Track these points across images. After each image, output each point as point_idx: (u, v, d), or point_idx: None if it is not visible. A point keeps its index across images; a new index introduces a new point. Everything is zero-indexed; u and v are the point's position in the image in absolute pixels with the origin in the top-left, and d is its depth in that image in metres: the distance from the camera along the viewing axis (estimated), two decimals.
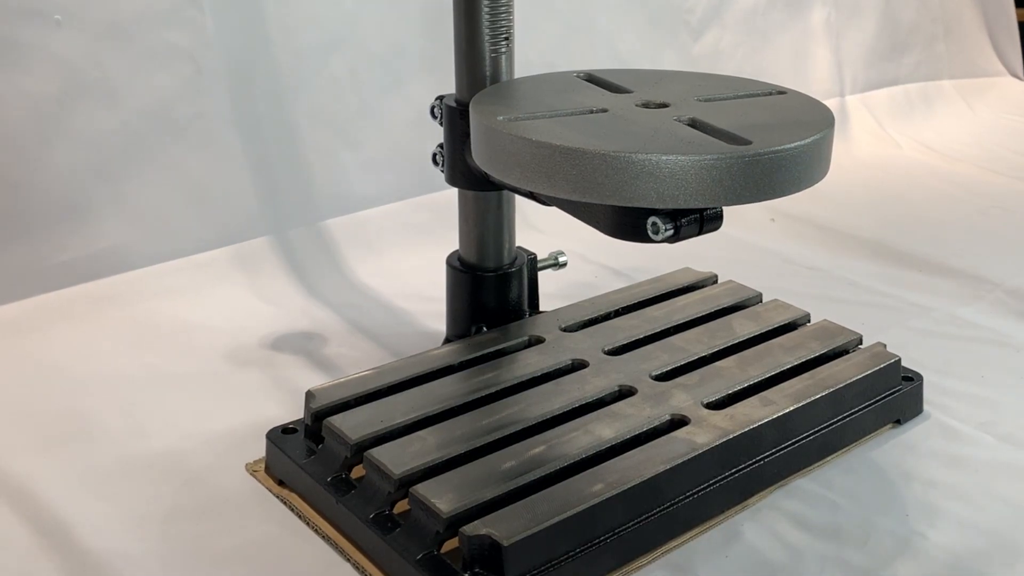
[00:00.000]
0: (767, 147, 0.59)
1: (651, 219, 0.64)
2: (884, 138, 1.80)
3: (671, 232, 0.64)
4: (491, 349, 0.84)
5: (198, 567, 0.68)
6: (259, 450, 0.79)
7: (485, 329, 0.88)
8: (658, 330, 0.88)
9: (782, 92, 0.72)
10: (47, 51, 1.01)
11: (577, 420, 0.74)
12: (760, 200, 0.61)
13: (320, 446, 0.74)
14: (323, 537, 0.71)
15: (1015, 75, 2.18)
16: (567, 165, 0.59)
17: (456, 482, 0.67)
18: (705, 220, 0.66)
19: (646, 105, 0.70)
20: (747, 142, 0.60)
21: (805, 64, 1.82)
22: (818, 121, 0.66)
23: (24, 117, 1.01)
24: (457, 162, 0.83)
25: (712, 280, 1.00)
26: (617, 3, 1.51)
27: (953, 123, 1.91)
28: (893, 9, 1.95)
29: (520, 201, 0.85)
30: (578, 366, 0.82)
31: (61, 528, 0.72)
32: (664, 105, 0.70)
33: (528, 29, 0.82)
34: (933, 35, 2.03)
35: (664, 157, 0.57)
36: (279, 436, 0.77)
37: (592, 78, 0.77)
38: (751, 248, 1.27)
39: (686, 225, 0.65)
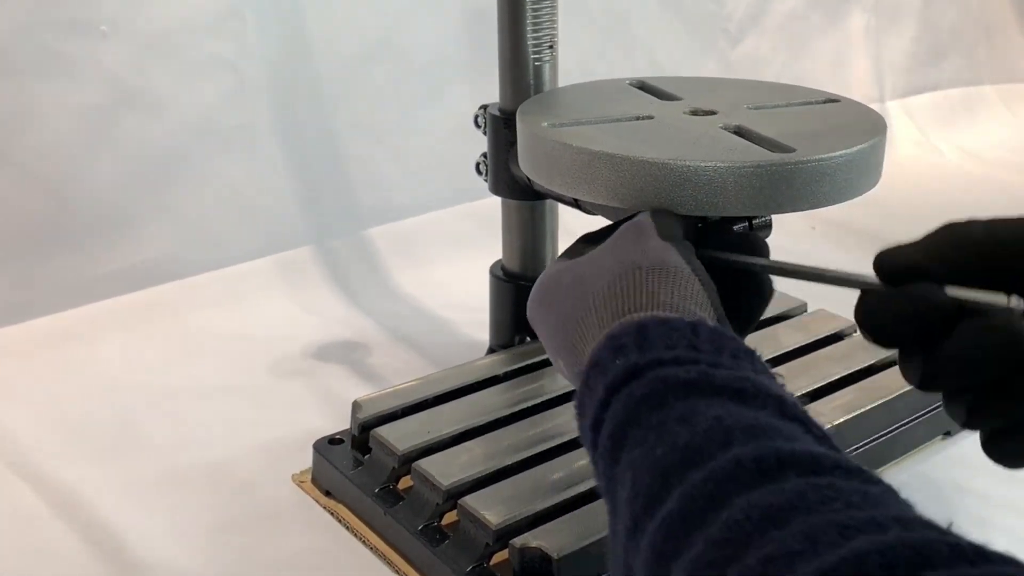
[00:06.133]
0: (810, 156, 0.58)
1: (699, 227, 0.64)
2: (925, 144, 1.78)
3: None
4: (536, 359, 0.84)
5: None
6: (305, 461, 0.79)
7: (529, 339, 0.88)
8: None
9: (835, 100, 0.71)
10: (93, 62, 1.02)
11: None
12: (802, 209, 0.60)
13: (367, 457, 0.74)
14: (370, 548, 0.71)
15: None
16: (606, 171, 0.59)
17: (505, 494, 0.66)
18: (754, 228, 0.65)
19: (694, 113, 0.69)
20: (791, 150, 0.59)
21: (845, 70, 1.80)
22: (868, 130, 0.65)
23: (71, 128, 1.02)
24: (501, 171, 0.83)
25: None
26: (655, 11, 1.51)
27: (995, 129, 1.89)
28: (933, 14, 1.93)
29: (563, 211, 0.85)
30: None
31: (111, 538, 0.72)
32: (712, 113, 0.69)
33: (566, 38, 0.82)
34: (974, 40, 2.01)
35: (702, 164, 0.57)
36: (326, 447, 0.77)
37: (644, 85, 0.77)
38: (792, 255, 1.25)
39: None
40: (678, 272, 0.49)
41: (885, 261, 0.48)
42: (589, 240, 0.58)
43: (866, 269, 0.51)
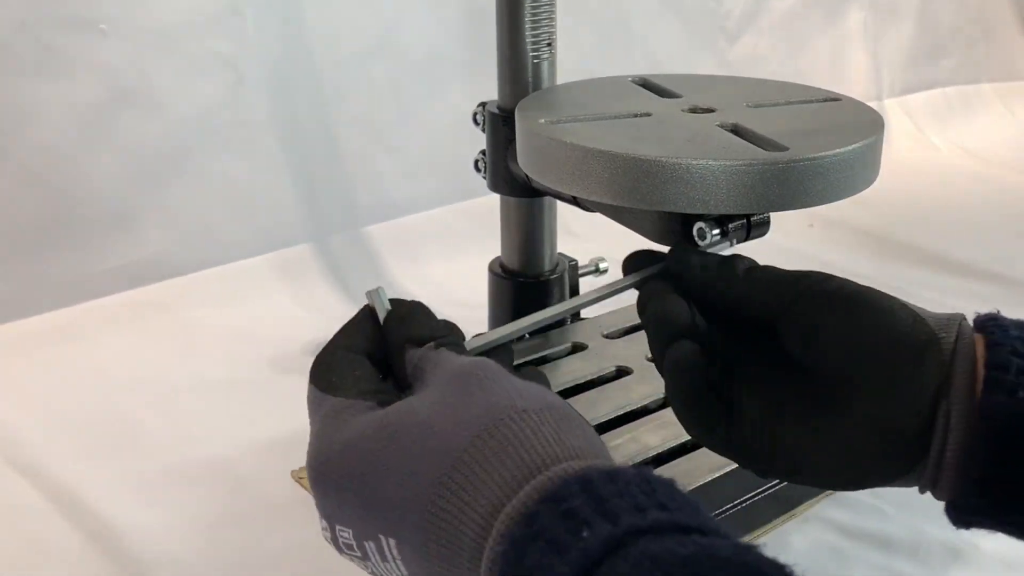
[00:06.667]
0: (803, 154, 0.58)
1: (697, 225, 0.64)
2: (923, 142, 1.78)
3: (718, 238, 0.64)
4: (534, 356, 0.84)
5: (245, 573, 0.69)
6: (304, 457, 0.79)
7: (527, 336, 0.88)
8: None
9: (836, 99, 0.71)
10: (92, 60, 1.03)
11: (622, 428, 0.73)
12: (796, 208, 0.60)
13: None
14: None
15: None
16: (600, 168, 0.59)
17: None
18: (752, 226, 0.65)
19: (693, 110, 0.69)
20: (784, 149, 0.59)
21: (842, 68, 1.81)
22: (865, 129, 0.65)
23: (70, 125, 1.03)
24: (499, 168, 0.83)
25: None
26: (653, 9, 1.51)
27: (993, 127, 1.89)
28: (931, 11, 1.93)
29: (561, 208, 0.85)
30: (622, 373, 0.82)
31: (110, 534, 0.73)
32: (710, 110, 0.69)
33: (564, 36, 0.82)
34: (972, 37, 2.02)
35: (695, 162, 0.57)
36: None
37: (645, 83, 0.77)
38: (789, 253, 1.26)
39: (733, 231, 0.64)
40: (570, 412, 0.43)
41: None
42: (328, 389, 0.47)
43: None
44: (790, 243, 1.29)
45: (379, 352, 0.50)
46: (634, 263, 0.59)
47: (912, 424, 0.47)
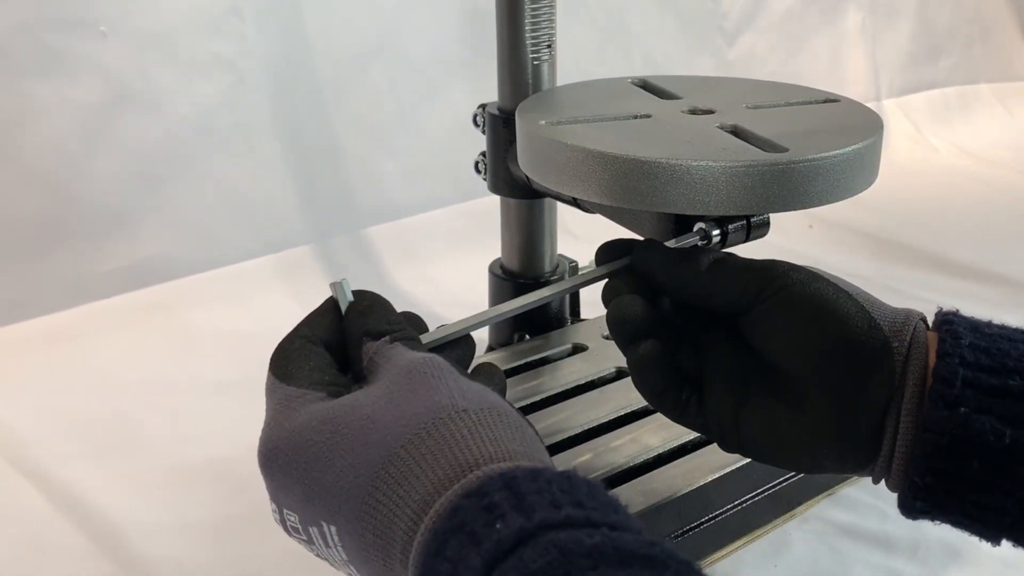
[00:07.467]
0: (802, 155, 0.58)
1: (697, 226, 0.64)
2: (921, 142, 1.79)
3: (718, 239, 0.64)
4: (534, 357, 0.84)
5: (246, 574, 0.69)
6: None
7: (527, 337, 0.88)
8: None
9: (835, 100, 0.71)
10: (92, 61, 1.03)
11: (623, 428, 0.74)
12: (795, 209, 0.60)
13: None
14: None
15: None
16: (599, 169, 0.59)
17: None
18: (752, 227, 0.66)
19: (692, 111, 0.70)
20: (784, 150, 0.60)
21: (841, 68, 1.81)
22: (864, 130, 0.65)
23: (70, 127, 1.03)
24: (500, 170, 0.83)
25: None
26: (651, 10, 1.51)
27: (991, 127, 1.90)
28: (929, 12, 1.93)
29: (562, 209, 0.86)
30: (622, 374, 0.82)
31: (112, 534, 0.73)
32: (710, 112, 0.70)
33: (563, 37, 0.82)
34: (970, 38, 2.02)
35: (694, 163, 0.57)
36: None
37: (645, 84, 0.77)
38: (789, 254, 1.25)
39: (733, 232, 0.65)
40: (510, 414, 0.44)
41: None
42: (285, 377, 0.48)
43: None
44: (790, 244, 1.29)
45: (340, 343, 0.51)
46: (606, 253, 0.60)
47: (864, 427, 0.50)
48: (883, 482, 0.52)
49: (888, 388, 0.49)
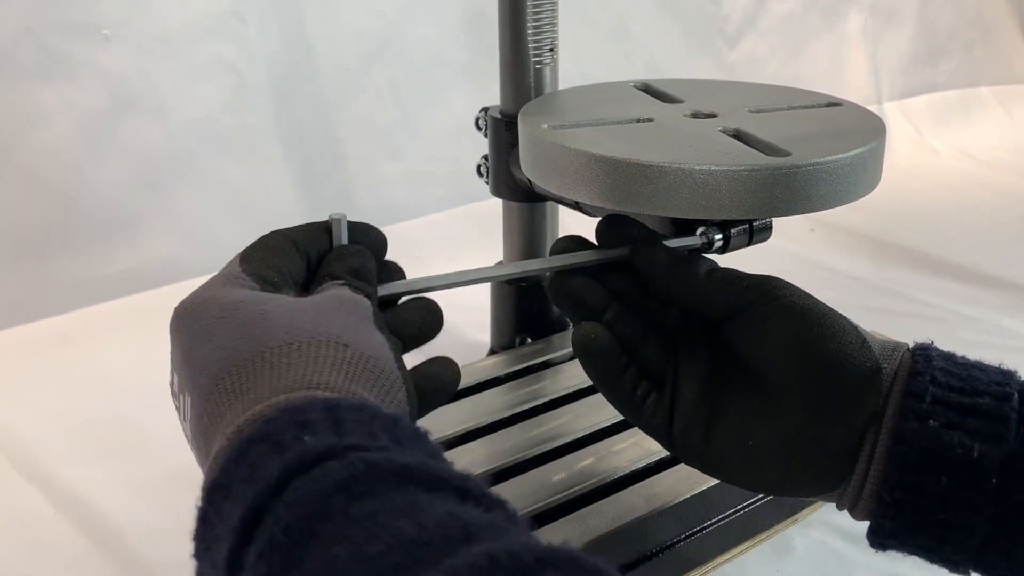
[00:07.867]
0: (806, 160, 0.58)
1: (700, 230, 0.64)
2: (923, 145, 1.79)
3: (721, 243, 0.64)
4: (537, 360, 0.84)
5: None
6: None
7: (529, 340, 0.88)
8: None
9: (837, 104, 0.71)
10: (95, 65, 1.03)
11: (626, 432, 0.74)
12: (798, 213, 0.60)
13: None
14: None
15: None
16: (602, 173, 0.59)
17: (506, 495, 0.66)
18: (755, 231, 0.66)
19: (695, 115, 0.70)
20: (787, 154, 0.59)
21: (842, 71, 1.81)
22: (866, 134, 0.65)
23: (73, 130, 1.03)
24: (502, 173, 0.83)
25: None
26: (653, 13, 1.52)
27: (992, 130, 1.90)
28: (930, 14, 1.93)
29: (563, 213, 0.86)
30: None
31: (115, 536, 0.73)
32: (712, 116, 0.70)
33: (565, 40, 0.82)
34: (970, 40, 2.02)
35: (697, 167, 0.57)
36: None
37: (647, 88, 0.77)
38: (791, 258, 1.27)
39: (735, 236, 0.65)
40: (386, 371, 0.44)
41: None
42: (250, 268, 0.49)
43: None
44: (791, 247, 1.29)
45: (317, 261, 0.53)
46: (608, 228, 0.60)
47: (844, 444, 0.50)
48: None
49: (872, 408, 0.49)
